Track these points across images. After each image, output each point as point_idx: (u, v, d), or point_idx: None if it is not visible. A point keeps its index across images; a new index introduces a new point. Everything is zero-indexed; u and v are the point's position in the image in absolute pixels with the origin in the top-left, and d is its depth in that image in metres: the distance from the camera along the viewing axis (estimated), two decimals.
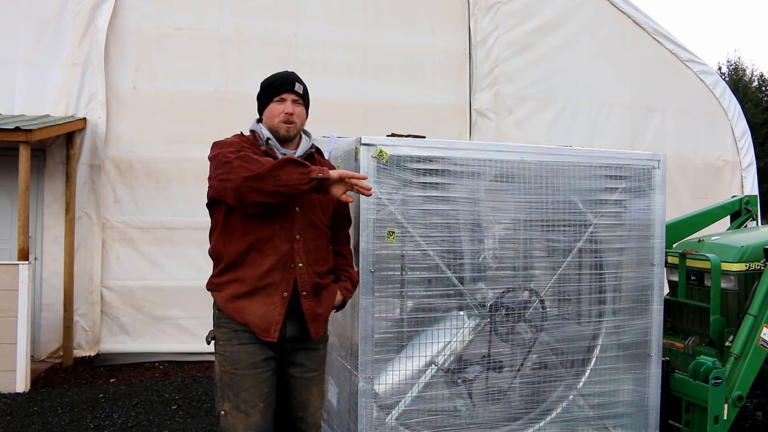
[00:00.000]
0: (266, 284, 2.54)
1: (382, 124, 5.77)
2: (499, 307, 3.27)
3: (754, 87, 31.38)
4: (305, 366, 2.68)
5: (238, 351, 2.57)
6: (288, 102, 2.69)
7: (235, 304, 2.57)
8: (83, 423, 4.93)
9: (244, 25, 7.38)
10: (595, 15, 8.43)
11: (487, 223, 3.27)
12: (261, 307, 2.54)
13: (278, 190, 2.37)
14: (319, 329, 2.68)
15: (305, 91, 2.79)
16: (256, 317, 2.54)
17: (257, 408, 2.54)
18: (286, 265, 2.56)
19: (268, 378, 2.59)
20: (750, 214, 5.27)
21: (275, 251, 2.55)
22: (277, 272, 2.55)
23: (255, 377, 2.55)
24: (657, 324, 3.57)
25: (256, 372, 2.56)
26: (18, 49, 6.86)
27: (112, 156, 6.98)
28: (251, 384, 2.55)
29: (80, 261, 6.82)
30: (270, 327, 2.53)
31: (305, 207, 2.62)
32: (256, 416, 2.54)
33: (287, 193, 2.39)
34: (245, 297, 2.55)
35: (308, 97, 2.82)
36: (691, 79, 8.87)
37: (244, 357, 2.56)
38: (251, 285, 2.55)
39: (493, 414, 3.25)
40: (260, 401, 2.55)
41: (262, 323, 2.54)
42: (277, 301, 2.54)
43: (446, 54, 7.96)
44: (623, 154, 3.60)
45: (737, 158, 9.15)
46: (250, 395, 2.54)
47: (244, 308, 2.55)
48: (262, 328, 2.54)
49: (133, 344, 6.92)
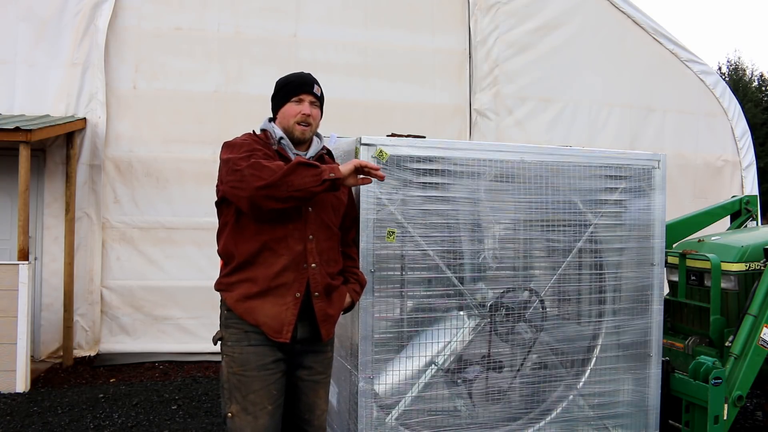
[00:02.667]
0: (279, 284, 2.52)
1: (382, 124, 5.78)
2: (499, 307, 3.27)
3: (754, 87, 31.37)
4: (313, 368, 2.66)
5: (247, 352, 2.53)
6: (306, 103, 2.67)
7: (247, 304, 2.53)
8: (83, 423, 4.92)
9: (244, 25, 7.38)
10: (595, 15, 8.43)
11: (487, 223, 3.27)
12: (273, 308, 2.51)
13: (292, 195, 2.37)
14: (330, 331, 2.66)
15: (322, 94, 2.78)
16: (268, 317, 2.51)
17: (266, 410, 2.51)
18: (299, 266, 2.54)
19: (277, 380, 2.56)
20: (750, 214, 5.26)
21: (289, 251, 2.53)
22: (290, 272, 2.53)
23: (264, 379, 2.52)
24: (657, 324, 3.57)
25: (266, 374, 2.53)
26: (18, 49, 6.86)
27: (112, 156, 6.99)
28: (260, 386, 2.52)
29: (80, 261, 6.82)
30: (282, 327, 2.51)
31: (318, 208, 2.61)
32: (264, 418, 2.51)
33: (301, 196, 2.40)
34: (257, 297, 2.52)
35: (323, 100, 2.81)
36: (691, 79, 8.87)
37: (254, 359, 2.52)
38: (264, 285, 2.51)
39: (493, 414, 3.25)
40: (269, 403, 2.52)
41: (274, 324, 2.50)
42: (289, 301, 2.52)
43: (446, 54, 7.96)
44: (623, 154, 3.60)
45: (737, 158, 9.15)
46: (259, 397, 2.51)
47: (256, 308, 2.52)
48: (274, 329, 2.50)
49: (133, 344, 6.92)
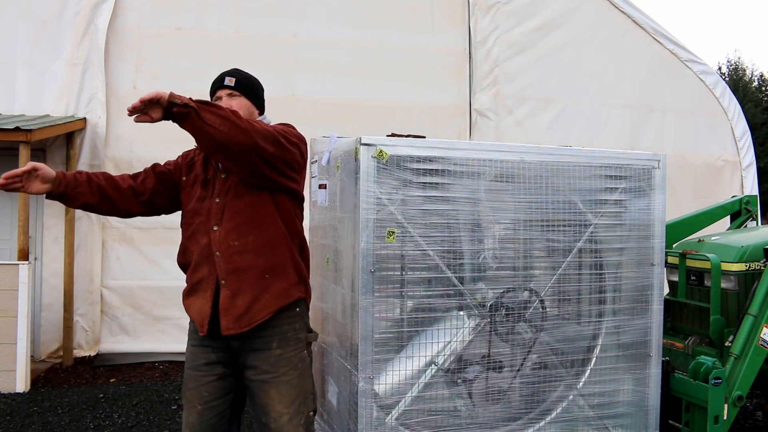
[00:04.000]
0: (198, 279, 2.58)
1: (382, 125, 5.77)
2: (499, 307, 3.26)
3: (754, 87, 31.37)
4: (257, 367, 2.55)
5: (188, 351, 2.67)
6: (223, 99, 2.68)
7: (185, 301, 2.65)
8: (83, 423, 4.93)
9: (244, 25, 7.38)
10: (595, 15, 8.43)
11: (487, 223, 3.27)
12: (198, 302, 2.57)
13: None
14: (233, 324, 2.48)
15: (242, 79, 2.71)
16: (195, 312, 2.59)
17: (195, 409, 2.59)
18: (209, 258, 2.54)
19: (209, 383, 2.59)
20: (750, 214, 5.26)
21: (197, 246, 2.58)
22: (204, 266, 2.56)
23: (196, 379, 2.61)
24: (657, 324, 3.57)
25: (198, 375, 2.60)
26: (18, 49, 6.86)
27: (112, 156, 6.99)
28: (193, 385, 2.61)
29: (80, 261, 6.82)
30: (204, 321, 2.54)
31: (223, 194, 2.57)
32: (193, 416, 2.59)
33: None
34: (189, 295, 2.63)
35: (251, 84, 2.75)
36: (691, 79, 8.87)
37: (190, 358, 2.65)
38: (189, 282, 2.63)
39: (493, 414, 3.25)
40: (198, 403, 2.59)
41: (198, 318, 2.57)
42: (208, 294, 2.55)
43: (446, 54, 7.96)
44: (623, 154, 3.60)
45: (737, 158, 9.15)
46: (192, 395, 2.61)
47: (190, 306, 2.62)
48: (199, 323, 2.56)
49: (133, 344, 6.92)
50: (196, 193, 2.65)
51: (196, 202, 2.64)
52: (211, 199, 2.59)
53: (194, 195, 2.66)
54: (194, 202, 2.65)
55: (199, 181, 2.67)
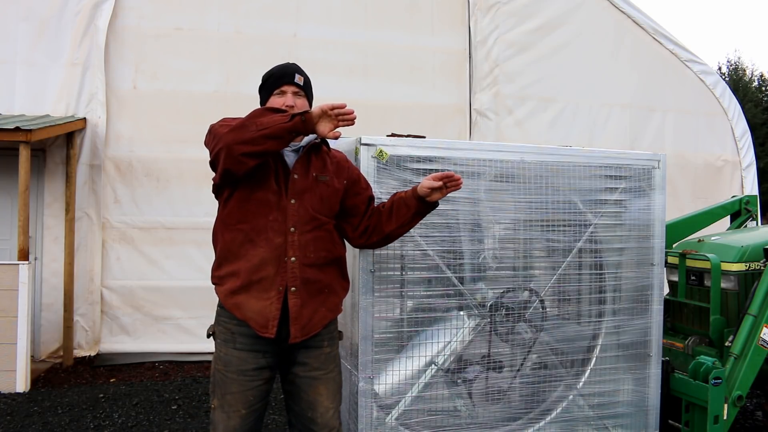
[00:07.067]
0: (260, 278, 2.47)
1: (382, 124, 5.77)
2: (499, 307, 3.26)
3: (754, 87, 31.35)
4: (308, 364, 2.60)
5: (231, 355, 2.54)
6: (288, 94, 2.64)
7: (234, 299, 2.51)
8: (83, 423, 4.93)
9: (244, 25, 7.38)
10: (595, 15, 8.43)
11: (487, 223, 3.27)
12: (258, 303, 2.48)
13: (262, 134, 2.31)
14: (300, 332, 2.53)
15: (306, 82, 2.72)
16: (254, 312, 2.48)
17: (239, 413, 2.53)
18: (279, 259, 2.48)
19: (256, 387, 2.55)
20: (750, 214, 5.26)
21: (268, 243, 2.48)
22: (271, 265, 2.47)
23: (242, 384, 2.53)
24: (657, 324, 3.57)
25: (245, 379, 2.53)
26: (18, 49, 6.86)
27: (112, 156, 6.99)
28: (237, 389, 2.53)
29: (80, 261, 6.82)
30: (268, 323, 2.48)
31: (302, 199, 2.54)
32: (235, 420, 2.53)
33: (272, 134, 2.32)
34: (241, 291, 2.50)
35: (311, 88, 2.76)
36: (691, 79, 8.87)
37: (236, 362, 2.53)
38: (245, 278, 2.49)
39: (493, 414, 3.25)
40: (243, 408, 2.53)
41: (260, 319, 2.48)
42: (273, 296, 2.48)
43: (446, 54, 7.96)
44: (623, 154, 3.60)
45: (737, 158, 9.15)
46: (235, 399, 2.53)
47: (242, 304, 2.50)
48: (260, 324, 2.48)
49: (133, 344, 6.92)
50: (270, 184, 2.53)
51: (270, 194, 2.51)
52: (285, 198, 2.52)
53: (266, 185, 2.52)
54: (266, 193, 2.51)
55: (271, 171, 2.54)
